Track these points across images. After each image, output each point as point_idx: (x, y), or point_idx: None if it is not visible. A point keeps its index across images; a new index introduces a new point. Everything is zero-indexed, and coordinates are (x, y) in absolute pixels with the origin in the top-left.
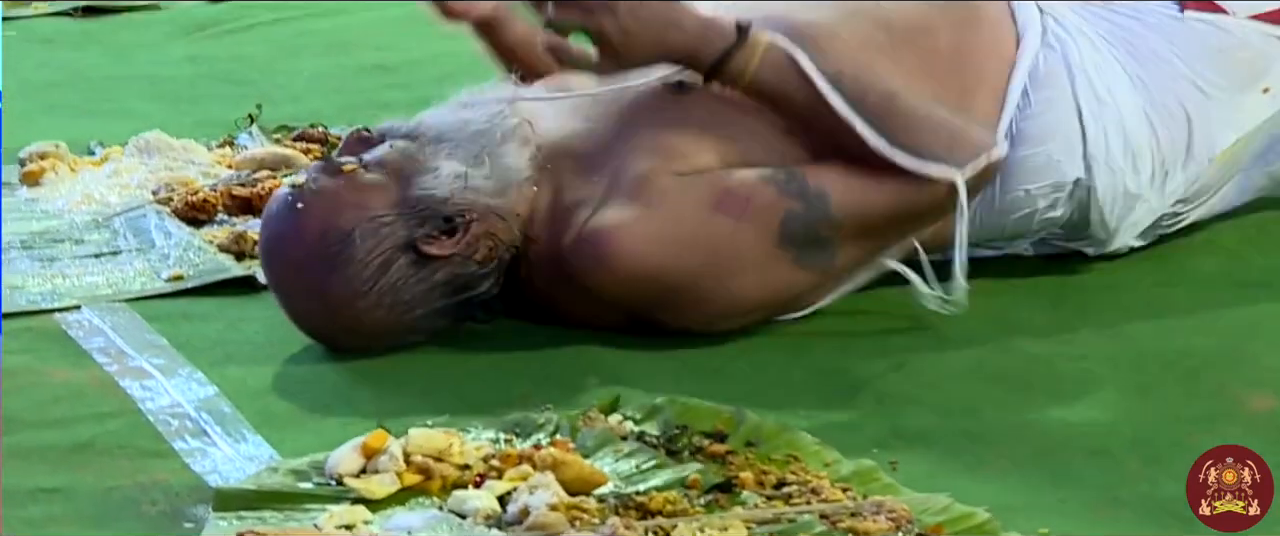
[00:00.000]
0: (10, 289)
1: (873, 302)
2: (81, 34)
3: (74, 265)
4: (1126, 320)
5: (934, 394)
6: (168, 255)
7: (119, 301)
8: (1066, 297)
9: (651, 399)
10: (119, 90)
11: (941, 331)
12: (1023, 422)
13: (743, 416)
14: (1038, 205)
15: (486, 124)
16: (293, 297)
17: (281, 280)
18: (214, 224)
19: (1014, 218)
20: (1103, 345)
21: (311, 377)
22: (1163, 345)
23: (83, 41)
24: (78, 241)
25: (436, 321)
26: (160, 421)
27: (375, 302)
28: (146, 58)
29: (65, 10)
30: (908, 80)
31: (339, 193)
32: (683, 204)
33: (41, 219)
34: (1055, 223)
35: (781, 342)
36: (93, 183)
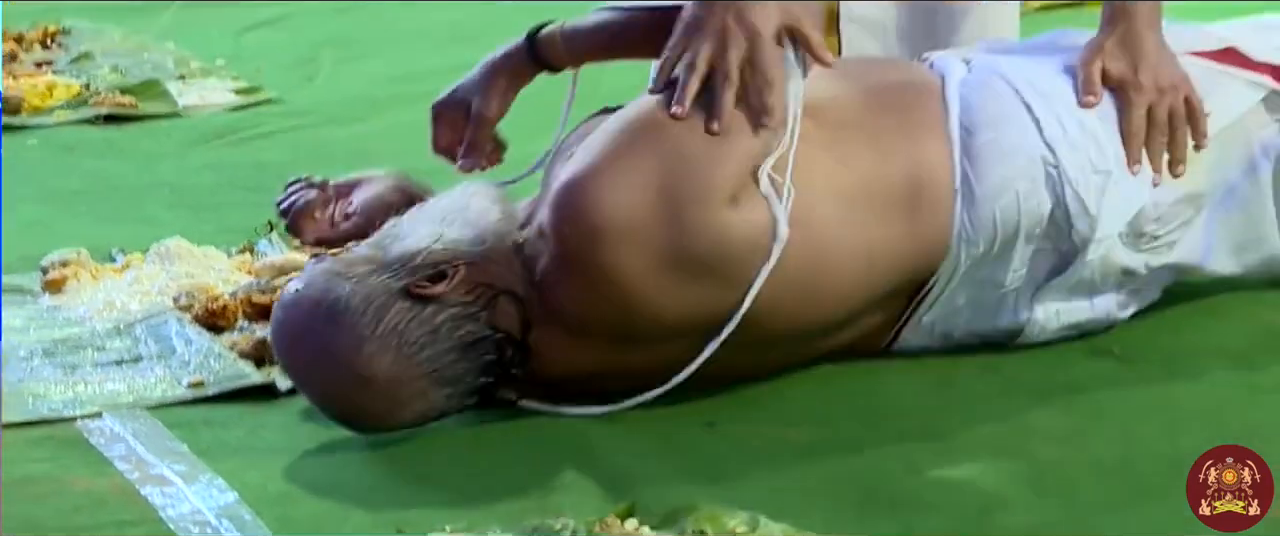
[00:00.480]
0: (33, 397)
1: (885, 403)
2: (103, 142)
3: (96, 372)
4: (1139, 422)
5: (948, 497)
6: (188, 362)
7: (140, 408)
8: (1077, 402)
9: (668, 503)
10: (140, 198)
11: (955, 435)
12: (1039, 524)
13: (758, 522)
14: (1018, 187)
15: (449, 200)
16: (304, 368)
17: (293, 357)
18: (234, 330)
19: (1000, 207)
20: (1115, 448)
21: (331, 483)
22: (1174, 448)
23: (104, 150)
24: (99, 348)
25: (452, 370)
26: (181, 529)
27: (380, 346)
28: (167, 165)
29: (87, 118)
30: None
31: (330, 267)
32: (643, 147)
33: (63, 326)
34: (1040, 218)
35: (796, 446)
36: (114, 290)
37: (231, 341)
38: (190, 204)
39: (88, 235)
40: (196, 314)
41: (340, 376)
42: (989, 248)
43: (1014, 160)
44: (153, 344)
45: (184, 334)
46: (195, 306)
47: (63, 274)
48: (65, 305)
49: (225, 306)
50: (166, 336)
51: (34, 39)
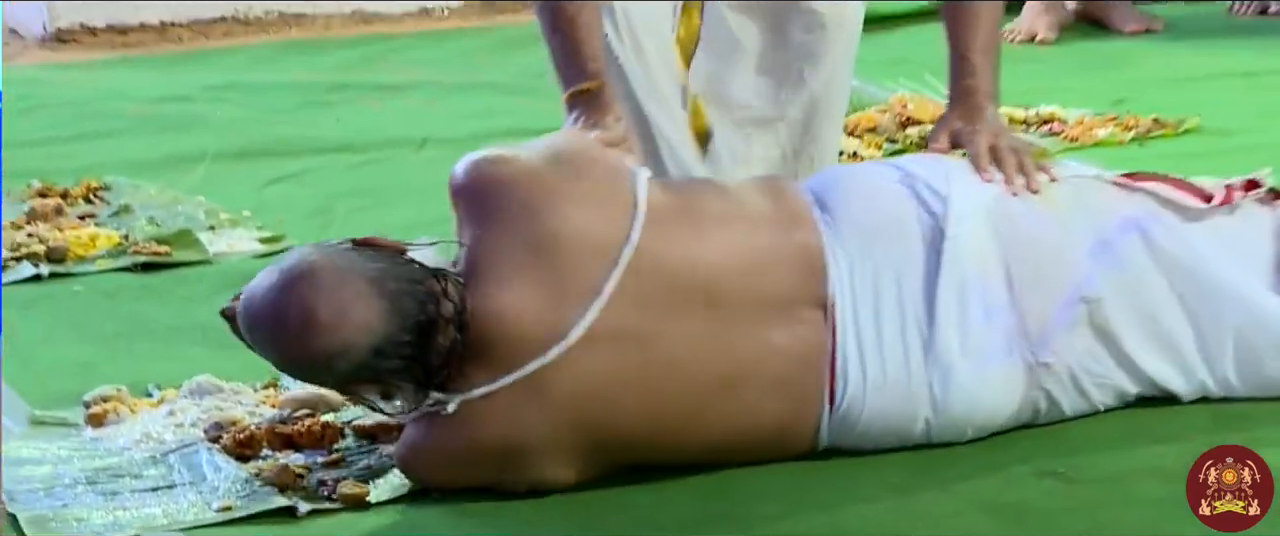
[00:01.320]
0: (76, 520)
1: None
2: (141, 287)
3: (134, 498)
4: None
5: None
6: (218, 488)
7: (174, 531)
8: (1028, 519)
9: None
10: (174, 338)
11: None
12: None
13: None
14: (879, 200)
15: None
16: (259, 295)
17: (251, 295)
18: (259, 458)
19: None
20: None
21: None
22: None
23: (142, 294)
24: (137, 476)
25: (393, 284)
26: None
27: (326, 256)
28: (199, 308)
29: (126, 266)
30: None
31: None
32: None
33: (104, 456)
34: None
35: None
36: (151, 423)
37: (257, 468)
38: (220, 343)
39: (127, 372)
40: (225, 444)
41: (289, 279)
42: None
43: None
44: (185, 472)
45: (214, 462)
46: (224, 437)
47: (104, 408)
48: (106, 437)
49: (252, 436)
50: (198, 465)
51: (78, 194)
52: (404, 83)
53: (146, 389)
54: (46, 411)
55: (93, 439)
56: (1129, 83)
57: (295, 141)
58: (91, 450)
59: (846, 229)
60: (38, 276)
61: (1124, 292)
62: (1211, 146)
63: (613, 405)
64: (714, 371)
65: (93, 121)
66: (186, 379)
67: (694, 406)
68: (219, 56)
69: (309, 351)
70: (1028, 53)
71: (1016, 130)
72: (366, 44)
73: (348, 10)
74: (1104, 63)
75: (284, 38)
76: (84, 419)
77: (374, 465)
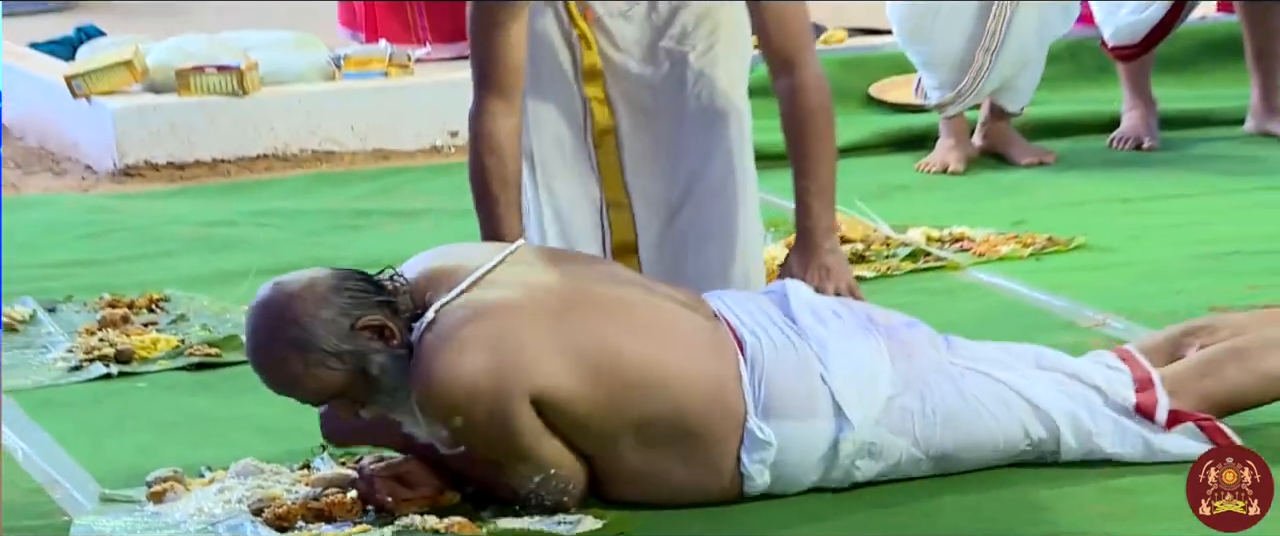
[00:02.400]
0: None
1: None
2: (195, 384)
3: None
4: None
5: None
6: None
7: None
8: None
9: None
10: (223, 428)
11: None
12: None
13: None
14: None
15: None
16: (251, 313)
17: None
18: (295, 530)
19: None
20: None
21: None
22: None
23: (196, 390)
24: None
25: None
26: None
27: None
28: (245, 401)
29: (183, 366)
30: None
31: None
32: None
33: (163, 529)
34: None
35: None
36: (203, 499)
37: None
38: (262, 431)
39: (183, 456)
40: (267, 517)
41: (247, 327)
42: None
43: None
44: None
45: (257, 533)
46: (266, 511)
47: (164, 487)
48: (165, 511)
49: (289, 510)
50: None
51: (142, 304)
52: (416, 209)
53: (200, 470)
54: (115, 490)
55: (154, 513)
56: (1026, 207)
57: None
58: (153, 523)
59: (725, 300)
60: (108, 375)
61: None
62: (1096, 261)
63: (561, 299)
64: (646, 315)
65: (154, 243)
66: (234, 462)
67: (638, 329)
68: (261, 187)
69: (272, 381)
70: (941, 182)
71: (933, 246)
72: (384, 176)
73: (369, 149)
74: (1005, 190)
75: (315, 171)
76: (146, 496)
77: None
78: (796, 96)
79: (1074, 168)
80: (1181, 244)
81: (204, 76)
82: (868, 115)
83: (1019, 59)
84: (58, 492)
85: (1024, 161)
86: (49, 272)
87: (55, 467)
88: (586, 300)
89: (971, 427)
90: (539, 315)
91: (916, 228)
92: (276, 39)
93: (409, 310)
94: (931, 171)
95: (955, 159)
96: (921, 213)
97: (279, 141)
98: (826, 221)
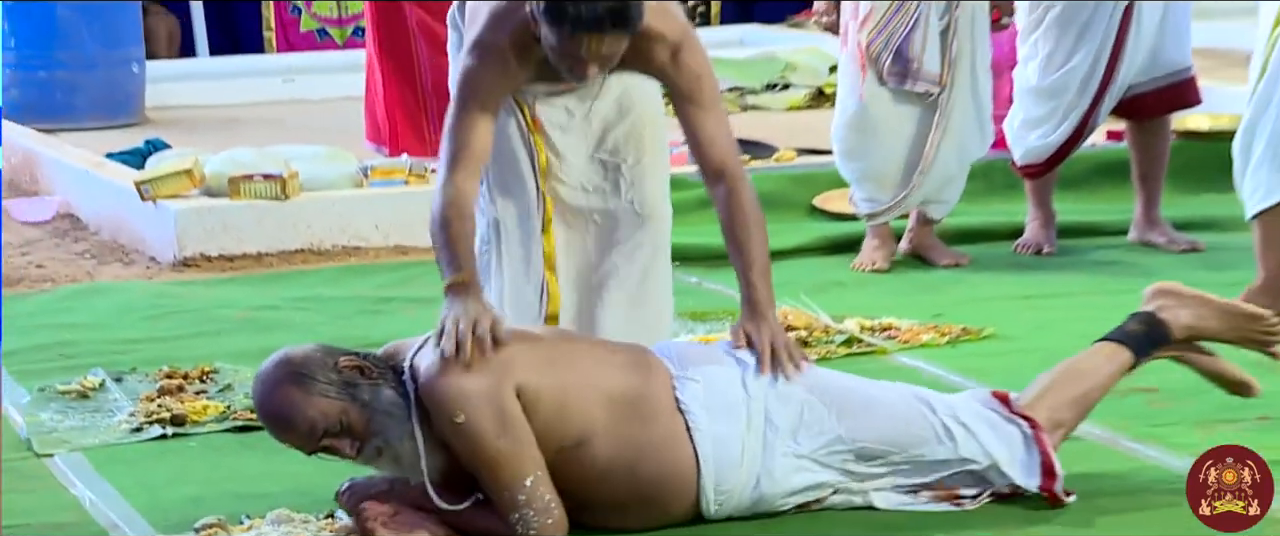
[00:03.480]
0: None
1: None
2: (239, 444)
3: None
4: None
5: None
6: None
7: None
8: None
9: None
10: (261, 482)
11: None
12: None
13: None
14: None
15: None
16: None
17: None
18: None
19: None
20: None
21: None
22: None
23: (240, 450)
24: None
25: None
26: None
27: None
28: (281, 459)
29: (229, 428)
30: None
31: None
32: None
33: None
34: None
35: None
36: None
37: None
38: (294, 487)
39: (227, 506)
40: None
41: (267, 361)
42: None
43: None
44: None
45: None
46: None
47: (209, 533)
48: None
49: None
50: None
51: (195, 376)
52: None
53: (240, 518)
54: (167, 534)
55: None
56: (944, 302)
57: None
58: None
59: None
60: (164, 435)
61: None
62: (1002, 348)
63: (519, 333)
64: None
65: (207, 324)
66: (269, 511)
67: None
68: (298, 277)
69: (277, 418)
70: (872, 279)
71: (865, 334)
72: (404, 268)
73: (391, 245)
74: (927, 287)
75: (344, 264)
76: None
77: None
78: (733, 197)
79: (985, 269)
80: (1075, 335)
81: (252, 183)
82: (811, 222)
83: (943, 179)
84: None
85: (943, 263)
86: (117, 348)
87: (118, 514)
88: (539, 333)
89: (866, 390)
90: (507, 337)
91: (851, 318)
92: (313, 152)
93: (378, 368)
94: (863, 270)
95: (880, 258)
96: (856, 305)
97: (314, 238)
98: (767, 294)
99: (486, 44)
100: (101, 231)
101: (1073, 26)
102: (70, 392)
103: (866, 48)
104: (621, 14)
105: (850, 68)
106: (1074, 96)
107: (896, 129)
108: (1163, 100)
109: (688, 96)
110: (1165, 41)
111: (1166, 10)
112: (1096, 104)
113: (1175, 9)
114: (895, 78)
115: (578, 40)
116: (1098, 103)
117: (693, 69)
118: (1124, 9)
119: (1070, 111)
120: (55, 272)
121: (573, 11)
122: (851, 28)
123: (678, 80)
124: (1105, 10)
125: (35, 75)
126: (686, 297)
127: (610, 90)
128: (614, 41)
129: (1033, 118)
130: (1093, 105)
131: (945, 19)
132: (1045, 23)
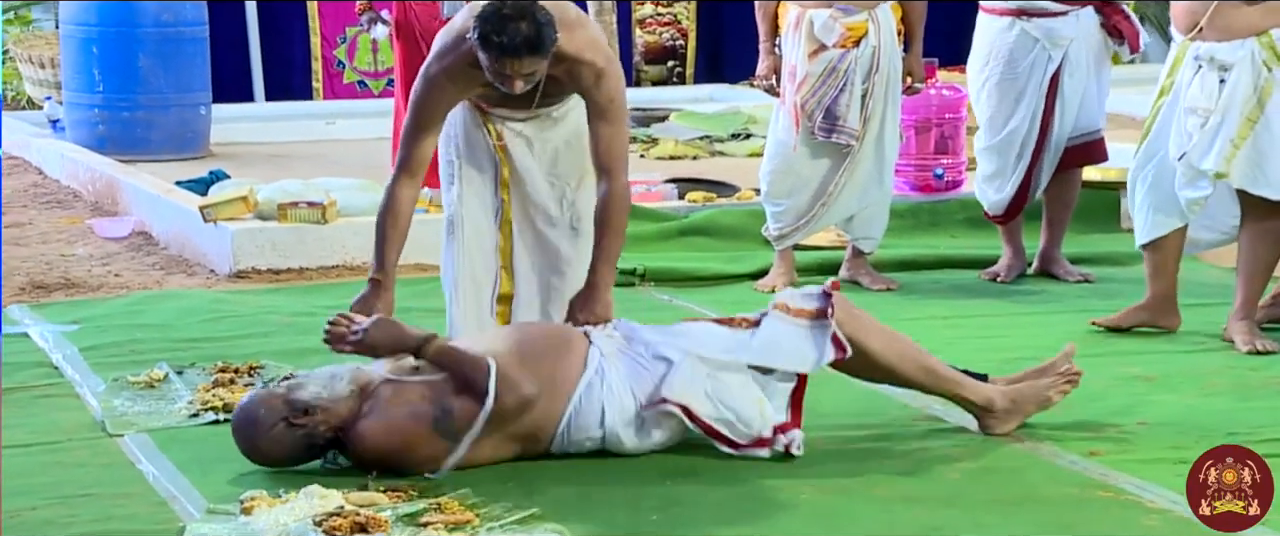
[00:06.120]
0: None
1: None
2: None
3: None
4: None
5: None
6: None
7: None
8: None
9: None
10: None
11: None
12: None
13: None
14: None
15: (332, 371)
16: (236, 429)
17: (235, 425)
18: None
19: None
20: None
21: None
22: None
23: None
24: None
25: (300, 447)
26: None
27: (267, 427)
28: None
29: None
30: None
31: (266, 395)
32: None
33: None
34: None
35: None
36: (281, 513)
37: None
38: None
39: (267, 483)
40: (326, 528)
41: (249, 431)
42: None
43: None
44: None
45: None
46: (324, 523)
47: (252, 504)
48: (252, 521)
49: (339, 523)
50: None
51: (244, 370)
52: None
53: (278, 492)
54: (216, 504)
55: (244, 523)
56: None
57: None
58: (243, 530)
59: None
60: (217, 421)
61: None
62: None
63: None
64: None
65: (256, 326)
66: (303, 487)
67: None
68: (334, 287)
69: (262, 462)
70: None
71: None
72: (422, 283)
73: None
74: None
75: None
76: (240, 510)
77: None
78: (608, 198)
79: (911, 294)
80: (986, 350)
81: (298, 209)
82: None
83: (842, 215)
84: (176, 505)
85: (875, 288)
86: (179, 345)
87: (176, 487)
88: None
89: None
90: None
91: None
92: (350, 184)
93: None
94: (762, 290)
95: (781, 281)
96: None
97: (349, 256)
98: (608, 280)
99: (430, 74)
100: (170, 247)
101: (1010, 92)
102: (139, 383)
103: (801, 106)
104: (535, 42)
105: (786, 122)
106: (1016, 154)
107: (814, 172)
108: (1076, 156)
109: (600, 112)
110: (1088, 104)
111: (1094, 78)
112: (1036, 159)
113: (1099, 78)
114: (824, 132)
115: (504, 62)
116: (1036, 159)
117: (608, 92)
118: (1051, 78)
119: (1017, 165)
120: (130, 281)
121: (497, 41)
122: (789, 89)
123: (596, 98)
124: (1036, 79)
125: (120, 114)
126: (660, 313)
127: (565, 125)
128: (531, 63)
129: (987, 173)
130: (1032, 161)
131: (866, 84)
132: (985, 89)
